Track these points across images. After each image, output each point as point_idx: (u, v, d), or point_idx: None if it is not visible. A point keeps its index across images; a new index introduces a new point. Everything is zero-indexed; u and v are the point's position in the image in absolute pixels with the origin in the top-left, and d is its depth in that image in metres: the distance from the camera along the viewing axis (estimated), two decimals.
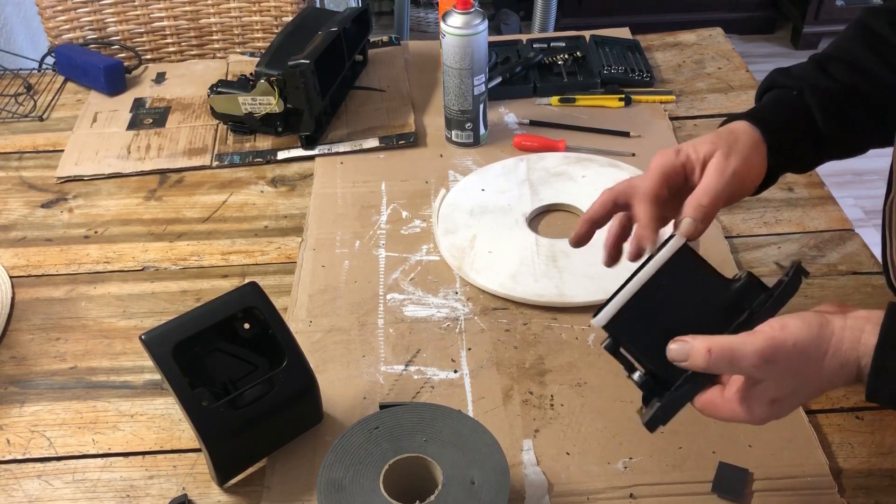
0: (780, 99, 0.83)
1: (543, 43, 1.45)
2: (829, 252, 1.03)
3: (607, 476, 0.80)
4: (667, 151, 0.78)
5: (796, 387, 0.65)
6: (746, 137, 0.78)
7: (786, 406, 0.66)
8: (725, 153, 0.75)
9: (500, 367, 0.91)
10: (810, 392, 0.66)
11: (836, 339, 0.64)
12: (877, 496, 0.77)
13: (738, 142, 0.77)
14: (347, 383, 0.90)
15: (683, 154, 0.77)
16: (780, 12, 3.38)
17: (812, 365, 0.64)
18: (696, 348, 0.64)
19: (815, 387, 0.65)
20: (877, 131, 0.85)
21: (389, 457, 0.74)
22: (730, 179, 0.74)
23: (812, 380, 0.64)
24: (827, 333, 0.64)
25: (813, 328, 0.64)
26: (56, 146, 1.30)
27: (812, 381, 0.65)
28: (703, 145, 0.77)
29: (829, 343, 0.64)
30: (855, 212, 2.47)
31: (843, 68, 0.84)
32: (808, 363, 0.64)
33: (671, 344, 0.66)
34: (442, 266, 1.05)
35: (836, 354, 0.63)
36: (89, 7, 1.65)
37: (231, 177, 1.22)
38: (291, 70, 1.19)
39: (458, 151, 1.24)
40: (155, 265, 1.08)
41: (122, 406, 0.90)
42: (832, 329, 0.64)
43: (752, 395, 0.65)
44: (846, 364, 0.64)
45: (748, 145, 0.77)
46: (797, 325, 0.63)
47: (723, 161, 0.75)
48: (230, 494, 0.81)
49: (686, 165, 0.77)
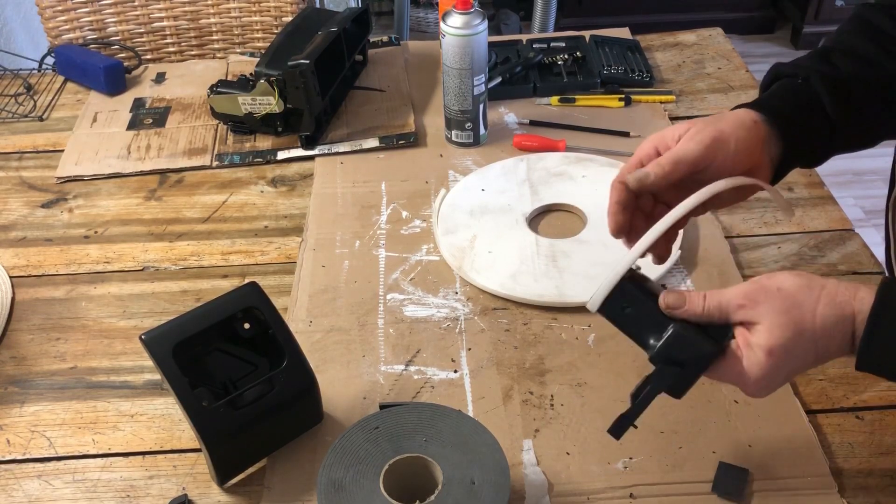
0: (787, 87, 0.83)
1: (543, 43, 1.45)
2: (829, 252, 1.03)
3: (607, 476, 0.80)
4: (647, 139, 0.78)
5: (789, 336, 0.65)
6: (733, 117, 0.77)
7: (783, 362, 0.66)
8: (698, 127, 0.75)
9: (500, 367, 0.91)
10: (807, 347, 0.66)
11: (827, 291, 0.65)
12: (877, 496, 0.77)
13: (720, 120, 0.76)
14: (347, 383, 0.90)
15: (660, 135, 0.77)
16: (780, 12, 3.38)
17: (803, 311, 0.65)
18: (692, 294, 0.68)
19: (811, 340, 0.65)
20: (886, 120, 0.84)
21: (389, 457, 0.74)
22: (698, 146, 0.73)
23: (806, 329, 0.65)
24: (816, 285, 0.65)
25: (802, 278, 0.66)
26: (56, 146, 1.30)
27: (806, 332, 0.65)
28: (681, 126, 0.77)
29: (819, 292, 0.65)
30: (855, 212, 2.47)
31: (847, 59, 0.83)
32: (797, 306, 0.65)
33: (666, 295, 0.69)
34: (442, 266, 1.05)
35: (830, 304, 0.65)
36: (89, 7, 1.65)
37: (231, 177, 1.22)
38: (291, 70, 1.19)
39: (458, 151, 1.24)
40: (155, 265, 1.08)
41: (122, 406, 0.90)
42: (823, 283, 0.66)
43: (749, 347, 0.66)
44: (842, 317, 0.64)
45: (732, 123, 0.76)
46: (784, 274, 0.67)
47: (694, 132, 0.75)
48: (230, 494, 0.81)
49: (660, 146, 0.76)
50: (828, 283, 0.66)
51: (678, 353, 0.68)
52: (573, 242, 1.05)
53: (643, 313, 0.70)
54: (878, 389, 0.87)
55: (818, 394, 0.87)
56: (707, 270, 1.01)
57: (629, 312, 0.70)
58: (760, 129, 0.77)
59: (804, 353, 0.66)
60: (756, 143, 0.77)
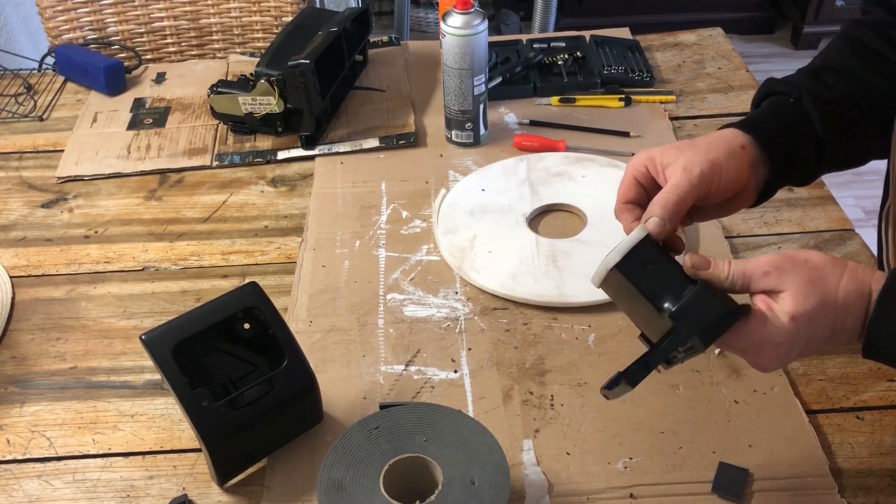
0: (777, 106, 0.83)
1: (543, 43, 1.45)
2: (829, 252, 1.03)
3: (607, 476, 0.80)
4: (638, 154, 0.78)
5: (814, 305, 0.66)
6: (723, 143, 0.77)
7: (804, 330, 0.66)
8: (690, 157, 0.75)
9: (500, 367, 0.91)
10: (828, 320, 0.66)
11: (850, 267, 0.67)
12: (877, 496, 0.77)
13: (713, 147, 0.76)
14: (347, 383, 0.90)
15: (650, 155, 0.77)
16: (780, 12, 3.38)
17: (828, 282, 0.66)
18: (717, 260, 0.69)
19: (832, 312, 0.66)
20: (875, 139, 0.85)
21: (389, 457, 0.74)
22: (695, 181, 0.74)
23: (829, 300, 0.66)
24: (840, 262, 0.68)
25: (827, 256, 0.68)
26: (56, 146, 1.30)
27: (829, 303, 0.66)
28: (671, 150, 0.77)
29: (843, 268, 0.67)
30: (855, 212, 2.46)
31: (837, 78, 0.84)
32: (822, 278, 0.66)
33: (691, 256, 0.69)
34: (442, 266, 1.05)
35: (852, 280, 0.66)
36: (89, 7, 1.64)
37: (231, 177, 1.22)
38: (291, 70, 1.19)
39: (458, 151, 1.24)
40: (155, 265, 1.08)
41: (123, 406, 0.90)
42: (846, 262, 0.68)
43: (772, 310, 0.66)
44: (862, 293, 0.66)
45: (723, 150, 0.76)
46: (811, 251, 0.69)
47: (688, 163, 0.75)
48: (230, 494, 0.81)
49: (650, 167, 0.77)
50: (849, 263, 0.68)
51: (702, 310, 0.67)
52: (573, 242, 1.05)
53: (664, 271, 0.69)
54: (878, 389, 0.87)
55: (818, 394, 0.87)
56: None
57: (650, 269, 0.69)
58: (749, 153, 0.78)
59: (823, 324, 0.67)
60: (745, 169, 0.77)
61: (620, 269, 0.69)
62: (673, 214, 0.72)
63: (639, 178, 0.77)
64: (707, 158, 0.75)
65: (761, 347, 0.67)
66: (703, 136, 0.79)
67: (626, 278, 0.69)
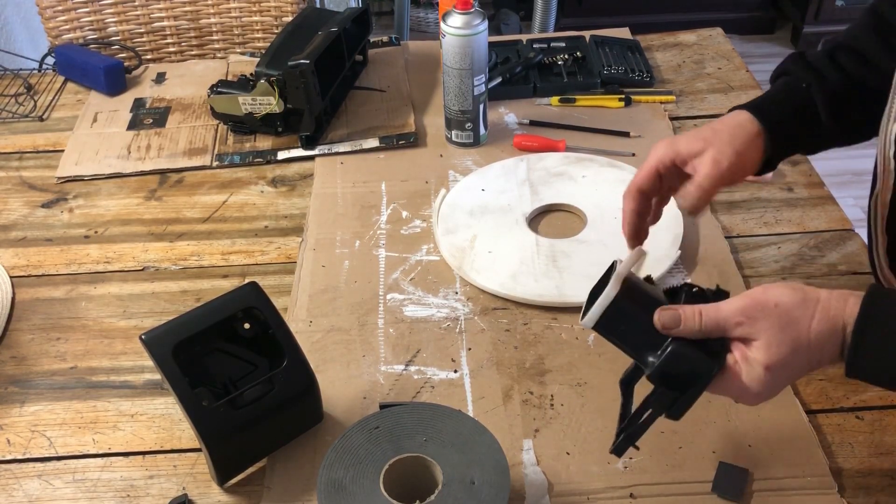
0: (790, 89, 0.86)
1: (543, 43, 1.45)
2: (829, 252, 1.03)
3: (607, 476, 0.80)
4: (662, 144, 0.81)
5: (786, 353, 0.66)
6: (743, 132, 0.81)
7: (780, 376, 0.67)
8: (719, 149, 0.79)
9: (500, 367, 0.91)
10: (802, 361, 0.67)
11: (822, 305, 0.66)
12: (877, 496, 0.77)
13: (736, 138, 0.80)
14: (347, 383, 0.90)
15: (675, 149, 0.80)
16: (780, 12, 3.38)
17: (799, 327, 0.66)
18: (687, 312, 0.68)
19: (805, 354, 0.66)
20: (878, 120, 0.86)
21: (389, 457, 0.74)
22: (725, 172, 0.78)
23: (802, 345, 0.66)
24: (812, 298, 0.66)
25: (797, 292, 0.67)
26: (56, 146, 1.30)
27: (802, 348, 0.66)
28: (697, 142, 0.80)
29: (815, 307, 0.66)
30: (855, 212, 2.46)
31: (852, 59, 0.86)
32: (794, 323, 0.66)
33: (661, 312, 0.68)
34: (442, 266, 1.05)
35: (823, 319, 0.66)
36: (89, 7, 1.65)
37: (231, 177, 1.22)
38: (291, 70, 1.19)
39: (458, 151, 1.24)
40: (155, 265, 1.08)
41: (123, 406, 0.90)
42: (818, 296, 0.67)
43: (747, 361, 0.67)
44: (834, 330, 0.66)
45: (745, 140, 0.81)
46: (780, 288, 0.67)
47: (718, 155, 0.79)
48: (230, 494, 0.81)
49: (676, 159, 0.80)
50: (821, 296, 0.67)
51: (676, 369, 0.68)
52: (573, 242, 1.05)
53: (640, 330, 0.69)
54: (878, 390, 0.87)
55: (818, 394, 0.87)
56: (707, 270, 1.01)
57: (624, 330, 0.70)
58: (763, 140, 0.82)
59: (800, 366, 0.67)
60: (759, 155, 0.83)
61: (598, 330, 0.71)
62: (705, 202, 0.79)
63: (661, 170, 0.80)
64: (734, 151, 0.79)
65: (741, 394, 0.69)
66: (722, 122, 0.83)
67: (606, 339, 0.72)
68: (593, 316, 0.69)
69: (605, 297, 0.69)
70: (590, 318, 0.70)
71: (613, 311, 0.69)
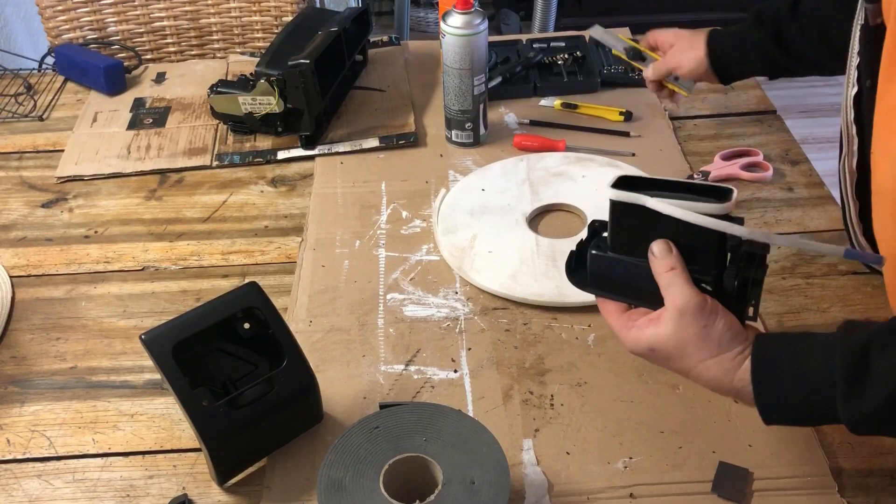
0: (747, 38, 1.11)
1: (543, 43, 1.45)
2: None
3: (607, 476, 0.80)
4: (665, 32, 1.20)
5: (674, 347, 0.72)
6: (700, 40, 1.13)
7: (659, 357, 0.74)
8: (681, 47, 1.15)
9: (500, 366, 0.91)
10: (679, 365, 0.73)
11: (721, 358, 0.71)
12: (877, 496, 0.77)
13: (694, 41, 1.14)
14: (347, 383, 0.90)
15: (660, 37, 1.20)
16: None
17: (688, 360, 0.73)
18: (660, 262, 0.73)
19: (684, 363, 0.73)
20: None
21: (389, 457, 0.74)
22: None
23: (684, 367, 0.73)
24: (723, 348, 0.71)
25: (724, 335, 0.71)
26: (56, 146, 1.30)
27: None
28: (671, 34, 1.19)
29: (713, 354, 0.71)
30: None
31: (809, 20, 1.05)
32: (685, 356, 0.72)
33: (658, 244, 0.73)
34: (442, 266, 1.05)
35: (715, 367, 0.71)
36: (89, 7, 1.65)
37: (231, 177, 1.22)
38: (291, 70, 1.19)
39: (458, 151, 1.24)
40: (155, 265, 1.08)
41: (122, 406, 0.90)
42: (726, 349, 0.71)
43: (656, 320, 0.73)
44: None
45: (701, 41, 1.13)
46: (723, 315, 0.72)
47: (686, 47, 1.14)
48: (230, 494, 0.81)
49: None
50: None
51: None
52: (573, 242, 1.05)
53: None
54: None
55: None
56: None
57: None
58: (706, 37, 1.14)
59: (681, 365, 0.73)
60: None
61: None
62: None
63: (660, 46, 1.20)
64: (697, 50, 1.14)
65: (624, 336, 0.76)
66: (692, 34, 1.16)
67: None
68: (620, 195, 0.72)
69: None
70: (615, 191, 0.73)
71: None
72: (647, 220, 0.72)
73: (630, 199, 0.72)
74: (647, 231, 0.73)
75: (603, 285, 0.78)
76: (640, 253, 0.73)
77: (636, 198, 0.71)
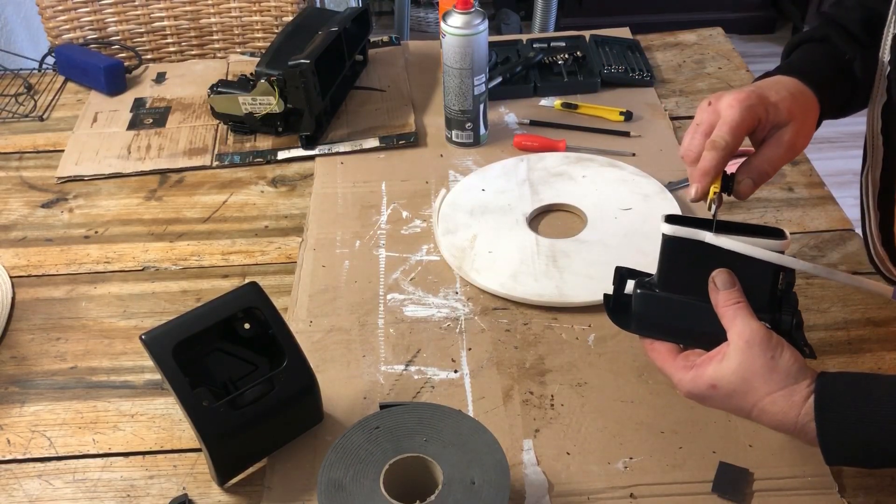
0: (830, 60, 0.86)
1: (543, 43, 1.45)
2: (830, 252, 1.03)
3: (607, 476, 0.80)
4: (747, 97, 0.76)
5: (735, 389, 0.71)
6: (802, 96, 0.80)
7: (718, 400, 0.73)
8: (797, 128, 0.78)
9: (500, 367, 0.91)
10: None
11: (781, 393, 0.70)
12: (877, 496, 0.77)
13: (808, 116, 0.79)
14: (347, 383, 0.90)
15: (763, 108, 0.77)
16: (780, 12, 3.38)
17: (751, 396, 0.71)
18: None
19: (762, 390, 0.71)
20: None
21: (389, 457, 0.74)
22: (792, 155, 0.79)
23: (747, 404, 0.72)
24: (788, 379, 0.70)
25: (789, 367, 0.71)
26: (56, 146, 1.30)
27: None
28: (782, 111, 0.78)
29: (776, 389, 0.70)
30: (855, 212, 2.45)
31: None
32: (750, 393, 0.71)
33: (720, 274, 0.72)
34: (442, 266, 1.05)
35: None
36: (89, 7, 1.65)
37: (231, 177, 1.22)
38: (291, 70, 1.19)
39: (458, 151, 1.24)
40: (155, 265, 1.08)
41: (123, 406, 0.90)
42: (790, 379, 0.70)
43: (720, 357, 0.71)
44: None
45: (804, 106, 0.79)
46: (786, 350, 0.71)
47: (793, 136, 0.78)
48: (230, 494, 0.81)
49: (762, 120, 0.78)
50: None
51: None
52: (573, 242, 1.05)
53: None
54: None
55: None
56: None
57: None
58: (817, 113, 0.81)
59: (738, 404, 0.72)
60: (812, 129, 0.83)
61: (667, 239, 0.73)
62: (760, 180, 0.80)
63: (752, 117, 0.77)
64: (807, 134, 0.81)
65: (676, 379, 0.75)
66: (801, 95, 0.80)
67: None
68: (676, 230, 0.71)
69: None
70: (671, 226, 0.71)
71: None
72: (700, 258, 0.70)
73: (687, 234, 0.70)
74: (699, 269, 0.71)
75: (648, 326, 0.76)
76: (692, 291, 0.72)
77: (694, 233, 0.70)
